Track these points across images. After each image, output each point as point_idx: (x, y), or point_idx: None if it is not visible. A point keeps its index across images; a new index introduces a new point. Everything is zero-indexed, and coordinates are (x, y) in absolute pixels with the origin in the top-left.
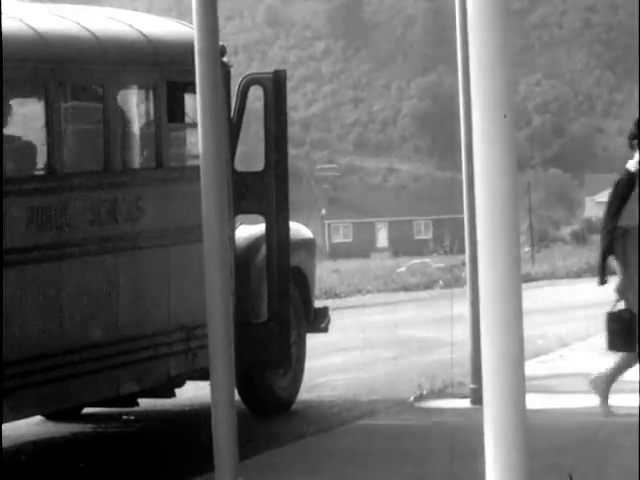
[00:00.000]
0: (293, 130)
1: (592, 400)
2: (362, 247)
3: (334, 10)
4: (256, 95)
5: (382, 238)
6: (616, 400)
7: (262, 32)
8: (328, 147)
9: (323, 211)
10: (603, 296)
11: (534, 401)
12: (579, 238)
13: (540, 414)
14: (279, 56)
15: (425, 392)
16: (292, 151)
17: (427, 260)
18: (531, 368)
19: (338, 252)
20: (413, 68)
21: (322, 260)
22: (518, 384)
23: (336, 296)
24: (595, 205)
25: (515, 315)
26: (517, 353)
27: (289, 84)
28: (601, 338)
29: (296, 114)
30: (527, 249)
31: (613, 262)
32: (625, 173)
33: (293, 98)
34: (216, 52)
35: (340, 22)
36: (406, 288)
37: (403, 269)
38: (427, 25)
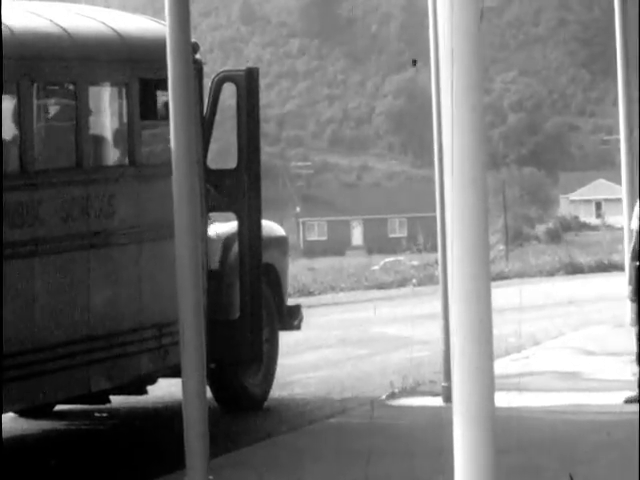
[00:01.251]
0: (268, 127)
1: (563, 398)
2: (337, 245)
3: (309, 7)
4: (230, 92)
5: (357, 236)
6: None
7: (237, 29)
8: (303, 145)
9: (297, 209)
10: (576, 295)
11: (505, 399)
12: (554, 236)
13: (511, 412)
14: (254, 53)
15: (397, 390)
16: (267, 149)
17: (401, 258)
18: (503, 366)
19: (313, 250)
20: (388, 66)
21: (297, 258)
22: (487, 382)
23: (310, 294)
24: (569, 203)
25: (485, 314)
26: (486, 352)
27: (264, 81)
28: (573, 336)
29: (271, 111)
30: (502, 247)
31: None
32: None
33: (268, 95)
34: (188, 49)
35: (315, 19)
36: (380, 286)
37: (377, 267)
38: (402, 23)
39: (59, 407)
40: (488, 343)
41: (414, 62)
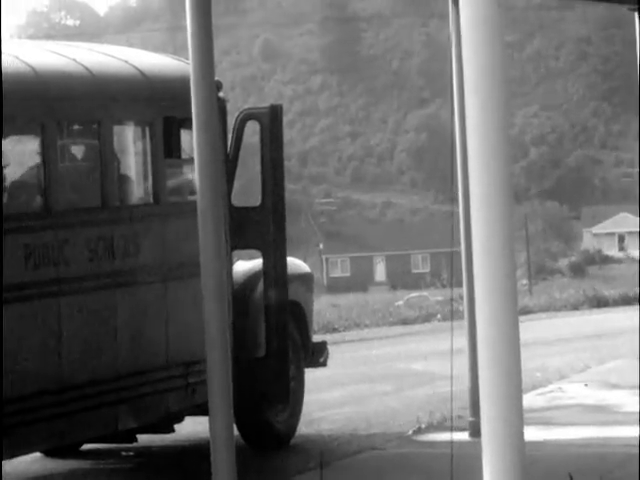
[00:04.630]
0: (290, 164)
1: (589, 432)
2: (360, 281)
3: (330, 44)
4: (254, 130)
5: (380, 272)
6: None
7: (258, 67)
8: (325, 181)
9: (321, 245)
10: (601, 328)
11: (532, 433)
12: (577, 270)
13: (538, 446)
14: (275, 90)
15: (424, 425)
16: (289, 185)
17: (425, 293)
18: (529, 400)
19: (336, 286)
20: (409, 102)
21: (320, 294)
22: (516, 417)
23: (334, 330)
24: (592, 237)
25: (512, 348)
26: (515, 386)
27: (286, 118)
28: (598, 370)
29: (293, 148)
30: (525, 282)
31: None
32: None
33: (290, 132)
34: (212, 87)
35: (336, 56)
36: (404, 321)
37: (401, 302)
38: (423, 58)
39: (86, 446)
40: (517, 377)
41: None
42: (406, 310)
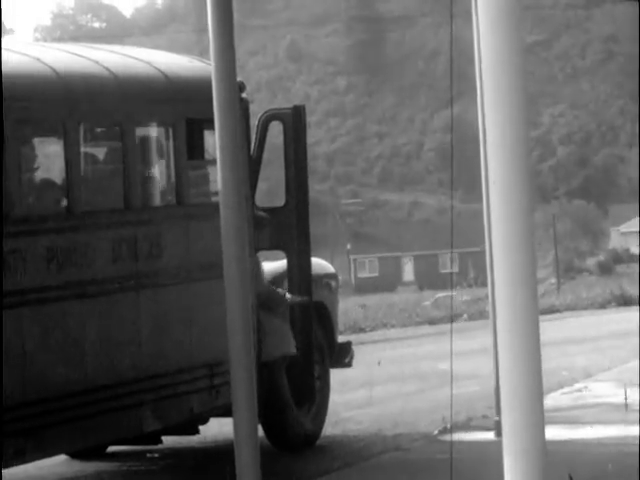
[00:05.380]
0: (317, 165)
1: (615, 430)
2: (388, 281)
3: (356, 45)
4: (279, 130)
5: (408, 272)
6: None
7: (284, 68)
8: (352, 181)
9: (348, 246)
10: (627, 326)
11: (558, 432)
12: (605, 269)
13: (564, 445)
14: (302, 91)
15: (449, 425)
16: (316, 186)
17: (453, 293)
18: (555, 399)
19: (364, 287)
20: (436, 101)
21: (348, 295)
22: (537, 416)
23: (361, 330)
24: (620, 235)
25: (533, 347)
26: (536, 386)
27: (312, 119)
28: (625, 368)
29: (320, 149)
30: (553, 280)
31: None
32: None
33: (317, 133)
34: (234, 88)
35: (362, 57)
36: (431, 321)
37: (429, 303)
38: (449, 58)
39: (111, 448)
40: (537, 376)
41: None
42: (432, 310)
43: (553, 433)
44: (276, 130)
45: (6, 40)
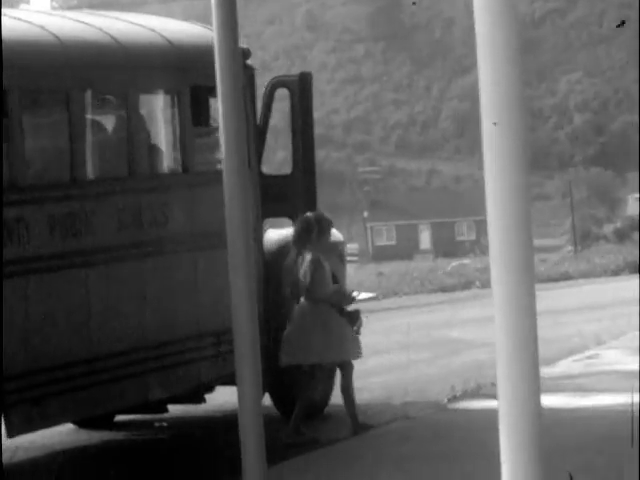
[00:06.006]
0: (334, 133)
1: (625, 398)
2: (405, 249)
3: (373, 13)
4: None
5: (425, 240)
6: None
7: (301, 36)
8: (370, 149)
9: (366, 214)
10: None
11: (567, 400)
12: (622, 236)
13: (573, 412)
14: (319, 59)
15: (459, 393)
16: (333, 154)
17: (467, 261)
18: (565, 366)
19: (382, 255)
20: (453, 69)
21: (366, 263)
22: (532, 383)
23: (374, 299)
24: (637, 202)
25: (528, 314)
26: (531, 353)
27: (330, 87)
28: (635, 335)
29: (337, 117)
30: (570, 248)
31: None
32: None
33: (334, 101)
34: (235, 54)
35: (379, 25)
36: (444, 289)
37: (446, 270)
38: (465, 27)
39: (119, 417)
40: (533, 344)
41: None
42: (446, 277)
43: (563, 401)
44: (284, 97)
45: (11, 9)
